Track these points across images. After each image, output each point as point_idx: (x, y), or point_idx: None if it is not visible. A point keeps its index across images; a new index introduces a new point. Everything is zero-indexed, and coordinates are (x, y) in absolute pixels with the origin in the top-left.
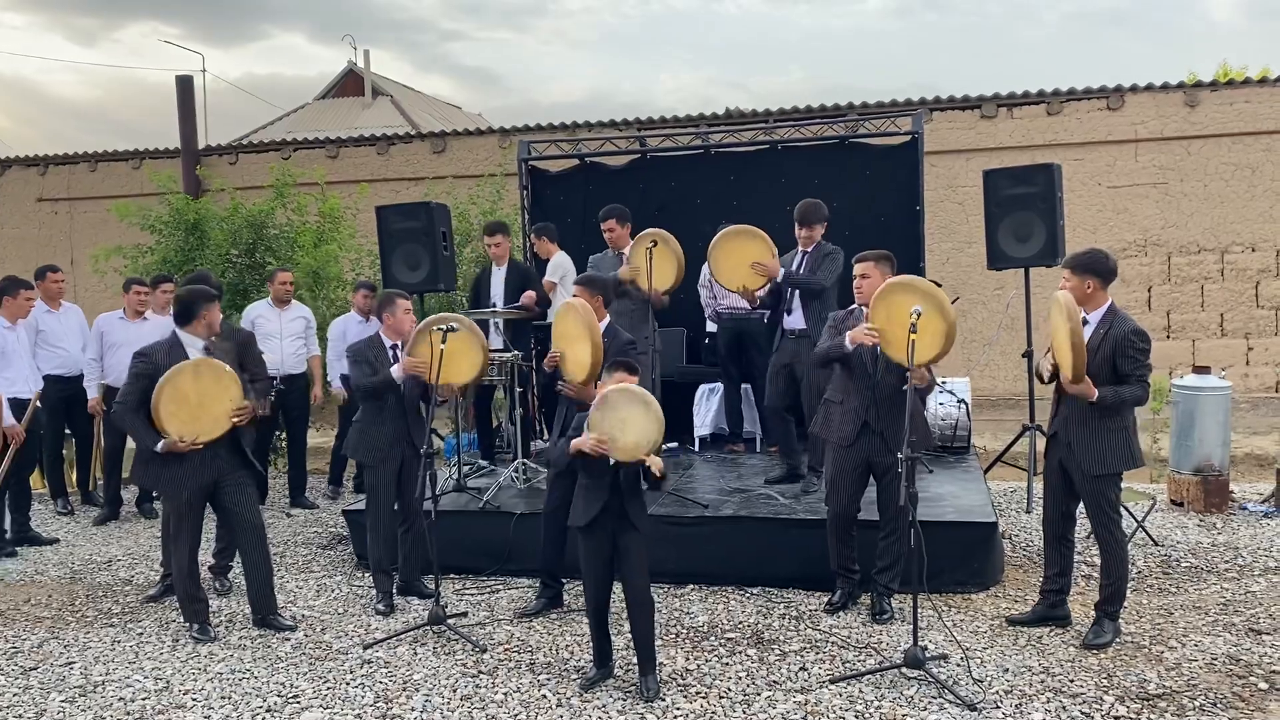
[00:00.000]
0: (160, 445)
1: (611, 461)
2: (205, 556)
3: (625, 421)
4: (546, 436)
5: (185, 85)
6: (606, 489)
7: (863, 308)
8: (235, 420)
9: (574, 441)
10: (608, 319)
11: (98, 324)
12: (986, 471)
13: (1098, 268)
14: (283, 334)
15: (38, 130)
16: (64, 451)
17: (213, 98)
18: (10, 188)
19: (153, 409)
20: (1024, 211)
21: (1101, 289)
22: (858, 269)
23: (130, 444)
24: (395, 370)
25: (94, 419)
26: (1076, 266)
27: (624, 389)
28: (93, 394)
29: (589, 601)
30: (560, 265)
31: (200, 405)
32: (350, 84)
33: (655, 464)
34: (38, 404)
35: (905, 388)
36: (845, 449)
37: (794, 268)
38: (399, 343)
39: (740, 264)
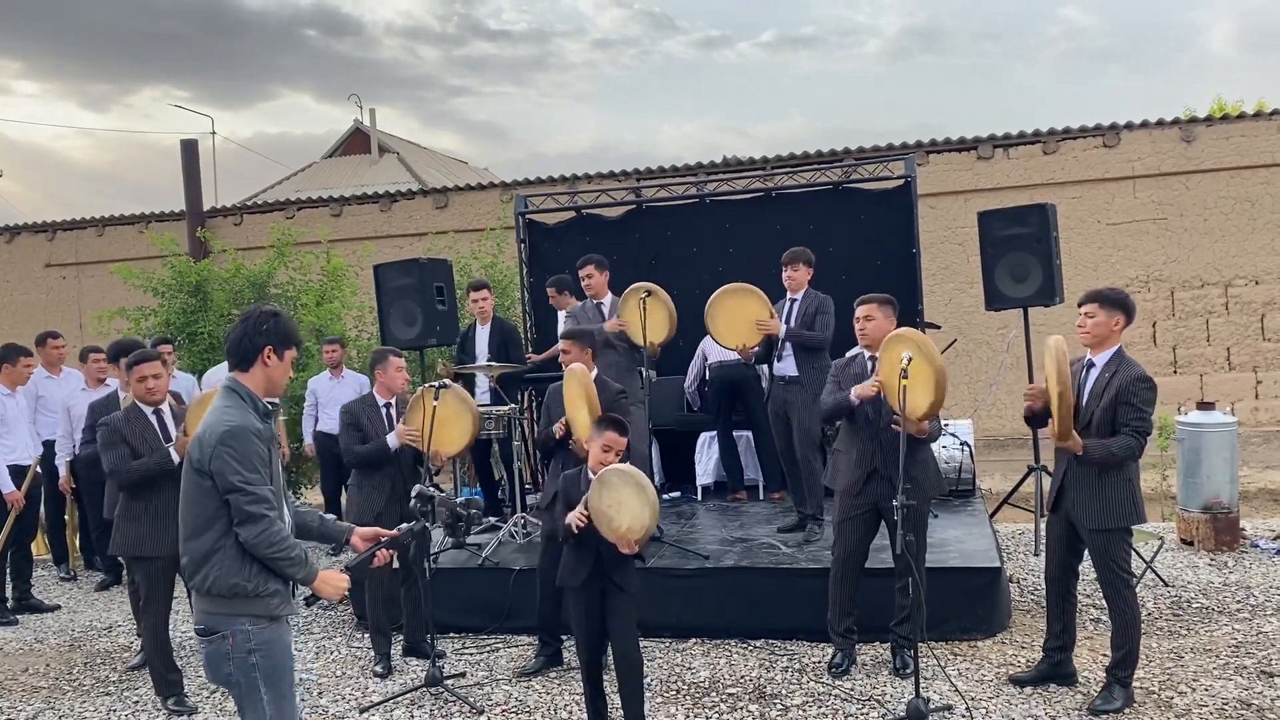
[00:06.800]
0: None
1: None
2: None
3: (621, 504)
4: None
5: (189, 149)
6: (594, 549)
7: (863, 351)
8: None
9: (567, 518)
10: (595, 370)
11: (63, 400)
12: (993, 514)
13: (1128, 305)
14: None
15: (49, 196)
16: (65, 516)
17: (223, 158)
18: (19, 253)
19: None
20: (1020, 252)
21: (1123, 328)
22: (860, 311)
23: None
24: (391, 439)
25: (64, 496)
26: (1106, 301)
27: (624, 471)
28: (63, 472)
29: (581, 661)
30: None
31: None
32: (356, 142)
33: (632, 550)
34: (38, 470)
35: (900, 431)
36: (853, 496)
37: (784, 314)
38: (392, 402)
39: (737, 322)
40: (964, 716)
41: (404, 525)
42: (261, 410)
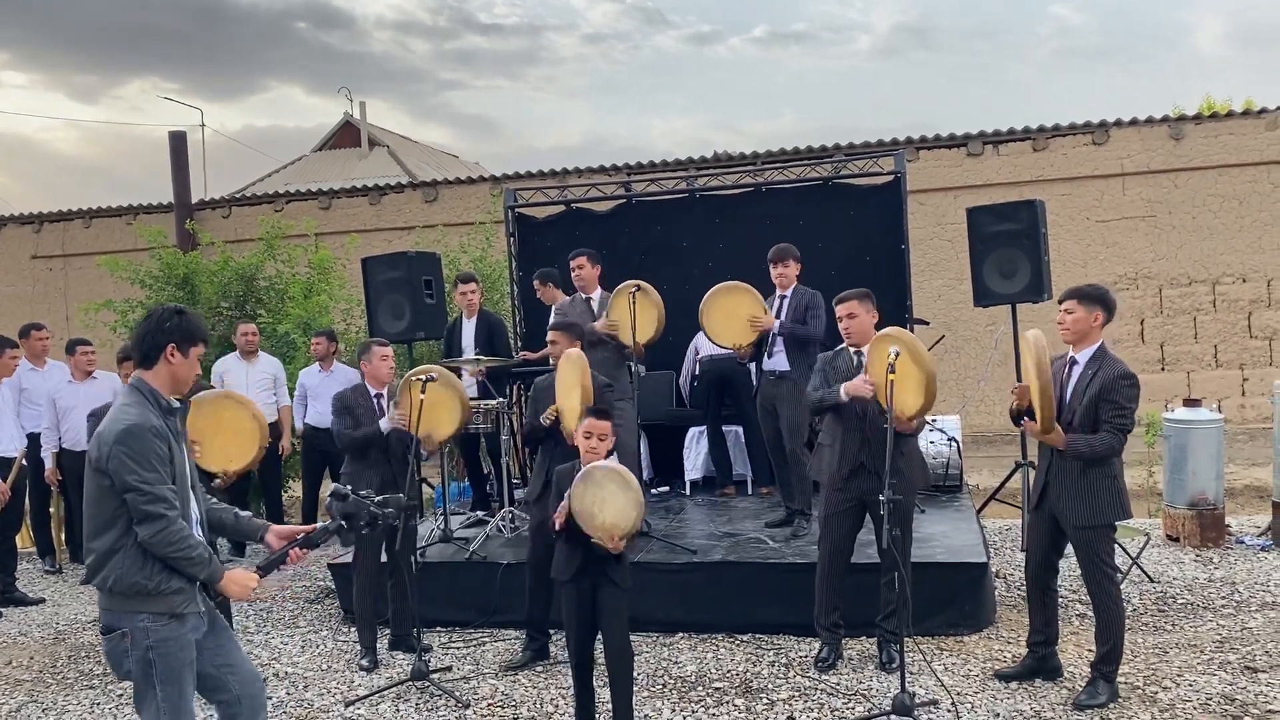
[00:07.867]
0: None
1: None
2: None
3: (605, 500)
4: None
5: (178, 141)
6: (585, 541)
7: (850, 348)
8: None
9: (555, 516)
10: None
11: (48, 392)
12: (980, 510)
13: (1107, 301)
14: (249, 386)
15: (37, 188)
16: (50, 509)
17: (212, 151)
18: (5, 245)
19: None
20: (1008, 248)
21: (1103, 324)
22: (841, 310)
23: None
24: (384, 423)
25: (49, 489)
26: (1084, 297)
27: (610, 469)
28: (49, 464)
29: (571, 655)
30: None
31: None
32: (346, 135)
33: (616, 548)
34: (23, 462)
35: (886, 427)
36: (838, 489)
37: (775, 311)
38: (383, 392)
39: (731, 319)
40: (950, 711)
41: (318, 524)
42: (164, 407)
